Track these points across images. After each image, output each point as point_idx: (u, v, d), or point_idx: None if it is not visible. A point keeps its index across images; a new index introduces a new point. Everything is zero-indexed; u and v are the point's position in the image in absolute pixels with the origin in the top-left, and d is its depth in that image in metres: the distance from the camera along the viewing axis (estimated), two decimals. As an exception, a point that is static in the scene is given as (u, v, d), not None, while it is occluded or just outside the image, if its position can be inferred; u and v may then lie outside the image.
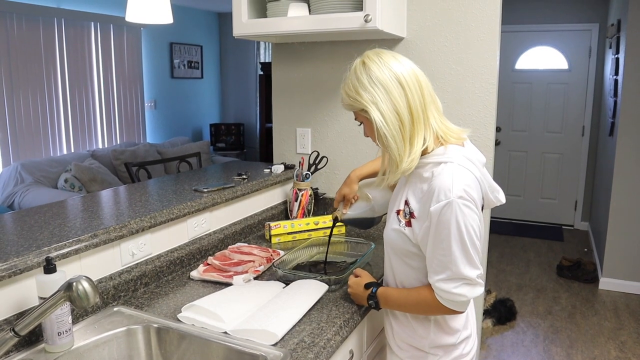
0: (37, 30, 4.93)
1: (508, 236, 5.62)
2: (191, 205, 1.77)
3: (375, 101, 1.22)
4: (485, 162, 1.33)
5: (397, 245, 1.32)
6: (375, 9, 1.83)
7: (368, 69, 1.24)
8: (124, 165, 2.75)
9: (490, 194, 1.33)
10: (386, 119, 1.22)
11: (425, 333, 1.35)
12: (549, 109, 5.87)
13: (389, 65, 1.23)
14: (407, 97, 1.22)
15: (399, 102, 1.22)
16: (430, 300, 1.25)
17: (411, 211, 1.27)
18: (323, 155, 2.38)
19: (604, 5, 5.49)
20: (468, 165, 1.23)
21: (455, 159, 1.22)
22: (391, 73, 1.23)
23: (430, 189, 1.21)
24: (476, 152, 1.31)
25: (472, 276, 1.19)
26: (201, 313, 1.36)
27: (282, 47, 2.47)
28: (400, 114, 1.22)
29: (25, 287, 1.25)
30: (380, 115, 1.22)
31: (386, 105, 1.22)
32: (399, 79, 1.22)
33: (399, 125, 1.22)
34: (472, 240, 1.18)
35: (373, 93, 1.22)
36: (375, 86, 1.22)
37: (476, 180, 1.23)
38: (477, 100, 2.14)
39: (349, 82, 1.27)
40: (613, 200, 4.13)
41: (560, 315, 3.78)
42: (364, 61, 1.26)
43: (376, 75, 1.22)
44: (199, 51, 7.13)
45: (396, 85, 1.22)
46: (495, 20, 2.07)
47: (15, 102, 4.80)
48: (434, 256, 1.21)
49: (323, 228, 2.12)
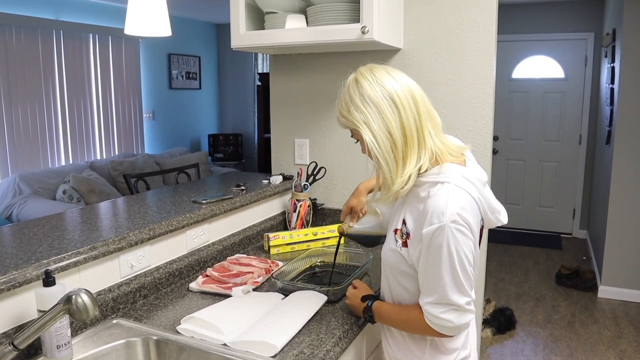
0: (35, 42, 4.95)
1: (506, 245, 5.62)
2: (190, 217, 1.77)
3: (367, 121, 1.19)
4: (486, 181, 1.28)
5: (393, 265, 1.30)
6: (372, 21, 1.84)
7: (360, 86, 1.21)
8: (123, 176, 2.76)
9: (491, 214, 1.28)
10: (377, 140, 1.19)
11: (420, 353, 1.31)
12: (546, 117, 5.90)
13: (382, 82, 1.20)
14: (401, 116, 1.19)
15: (391, 122, 1.18)
16: (419, 321, 1.23)
17: (407, 231, 1.24)
18: (321, 166, 2.39)
19: (599, 15, 5.54)
20: (465, 186, 1.19)
21: (452, 179, 1.18)
22: (384, 91, 1.19)
23: (425, 210, 1.18)
24: (476, 171, 1.26)
25: (461, 303, 1.16)
26: (200, 325, 1.36)
27: (280, 58, 2.49)
28: (392, 134, 1.18)
29: (24, 300, 1.25)
30: (371, 135, 1.19)
31: (378, 125, 1.18)
32: (392, 98, 1.19)
33: (391, 146, 1.19)
34: (463, 266, 1.15)
35: (365, 112, 1.19)
36: (367, 105, 1.19)
37: (473, 202, 1.19)
38: (474, 110, 2.15)
39: (342, 101, 1.25)
40: (611, 209, 4.14)
41: (559, 323, 3.77)
42: (356, 78, 1.23)
43: (368, 94, 1.19)
44: (197, 62, 7.16)
45: (389, 104, 1.19)
46: (492, 30, 2.09)
47: (14, 114, 4.81)
48: (425, 278, 1.19)
49: (322, 239, 2.12)
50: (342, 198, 2.43)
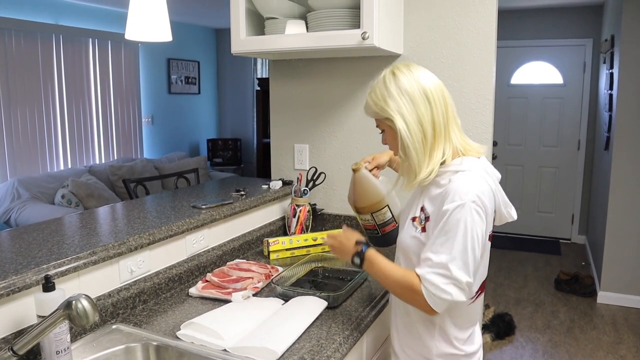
0: (35, 46, 4.95)
1: (505, 250, 5.62)
2: (190, 222, 1.77)
3: (402, 111, 1.26)
4: (500, 178, 1.36)
5: (411, 251, 1.32)
6: (372, 27, 1.85)
7: (397, 79, 1.28)
8: (122, 181, 2.76)
9: (504, 208, 1.35)
10: (410, 130, 1.26)
11: (430, 338, 1.33)
12: (544, 123, 5.91)
13: (417, 78, 1.28)
14: (432, 111, 1.27)
15: (424, 115, 1.26)
16: (413, 286, 1.22)
17: (427, 215, 1.29)
18: (321, 171, 2.39)
19: (597, 21, 5.56)
20: (485, 176, 1.27)
21: (473, 169, 1.26)
22: (419, 86, 1.27)
23: (446, 191, 1.23)
24: (492, 168, 1.35)
25: (462, 280, 1.18)
26: (200, 330, 1.36)
27: (280, 63, 2.49)
28: (423, 126, 1.26)
29: (23, 305, 1.24)
30: (405, 125, 1.26)
31: (412, 117, 1.26)
32: (426, 93, 1.27)
33: (422, 138, 1.27)
34: (473, 246, 1.19)
35: (400, 103, 1.27)
36: (403, 97, 1.27)
37: (491, 191, 1.27)
38: (474, 116, 2.15)
39: (377, 91, 1.31)
40: (610, 214, 4.14)
41: (559, 329, 3.77)
42: (393, 72, 1.30)
43: (405, 87, 1.27)
44: (196, 67, 7.17)
45: (423, 99, 1.27)
46: (491, 36, 2.10)
47: (13, 118, 4.81)
48: (433, 248, 1.21)
49: (321, 244, 2.11)
50: (341, 203, 2.43)
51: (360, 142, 2.37)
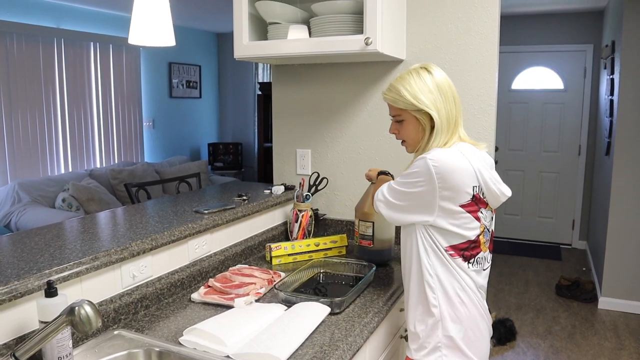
0: (36, 50, 4.96)
1: (506, 255, 5.61)
2: (192, 227, 1.76)
3: (437, 106, 1.43)
4: (492, 164, 1.52)
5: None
6: (375, 32, 1.85)
7: (432, 75, 1.45)
8: (124, 185, 2.75)
9: (493, 185, 1.45)
10: (442, 123, 1.44)
11: (433, 300, 1.46)
12: (545, 128, 5.91)
13: (445, 76, 1.47)
14: (455, 106, 1.47)
15: (449, 109, 1.45)
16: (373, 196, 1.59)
17: None
18: (323, 177, 2.38)
19: (598, 27, 5.57)
20: (468, 155, 1.42)
21: (455, 147, 1.44)
22: (448, 83, 1.46)
23: None
24: (485, 154, 1.51)
25: (380, 199, 1.52)
26: (203, 336, 1.35)
27: (282, 68, 2.49)
28: (449, 120, 1.45)
29: (25, 310, 1.24)
30: (438, 118, 1.43)
31: (443, 111, 1.44)
32: (452, 89, 1.47)
33: (447, 129, 1.45)
34: (402, 188, 1.45)
35: (436, 97, 1.43)
36: (438, 92, 1.44)
37: (469, 166, 1.40)
38: (476, 122, 2.15)
39: (412, 83, 1.44)
40: (611, 220, 4.14)
41: (560, 335, 3.76)
42: (426, 68, 1.47)
43: (439, 83, 1.44)
44: (198, 71, 7.17)
45: (450, 95, 1.45)
46: (494, 41, 2.10)
47: (14, 121, 4.81)
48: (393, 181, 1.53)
49: (324, 249, 2.11)
50: (343, 208, 2.43)
51: (363, 146, 2.37)
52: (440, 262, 1.44)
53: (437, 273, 1.44)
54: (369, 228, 1.97)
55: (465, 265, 1.44)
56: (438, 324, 1.45)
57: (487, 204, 1.46)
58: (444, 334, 1.44)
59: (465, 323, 1.44)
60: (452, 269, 1.43)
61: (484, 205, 1.45)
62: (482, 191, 1.43)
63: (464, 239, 1.42)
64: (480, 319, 1.47)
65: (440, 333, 1.44)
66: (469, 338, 1.45)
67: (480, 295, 1.49)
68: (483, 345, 1.48)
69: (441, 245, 1.43)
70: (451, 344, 1.44)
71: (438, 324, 1.45)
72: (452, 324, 1.44)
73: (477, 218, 1.43)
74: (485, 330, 1.49)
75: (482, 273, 1.49)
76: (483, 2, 2.09)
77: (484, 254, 1.48)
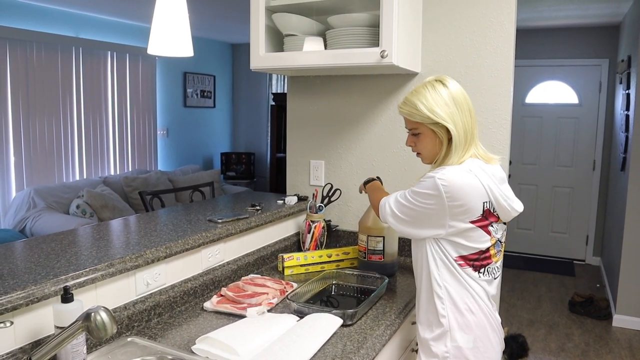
0: (55, 58, 5.04)
1: (518, 270, 5.56)
2: (206, 236, 1.77)
3: (455, 119, 1.43)
4: (503, 177, 1.50)
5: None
6: (391, 45, 1.86)
7: (447, 88, 1.44)
8: (139, 193, 2.77)
9: (504, 201, 1.44)
10: (459, 136, 1.43)
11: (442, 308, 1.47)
12: (559, 142, 5.88)
13: (462, 90, 1.47)
14: (471, 118, 1.46)
15: (466, 122, 1.44)
16: (378, 204, 1.62)
17: None
18: (337, 188, 2.39)
19: (613, 42, 5.55)
20: (476, 171, 1.41)
21: (465, 164, 1.43)
22: (464, 96, 1.46)
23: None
24: (495, 168, 1.49)
25: (388, 210, 1.54)
26: (215, 345, 1.36)
27: (297, 79, 2.51)
28: (466, 132, 1.44)
29: (42, 315, 1.25)
30: (455, 131, 1.42)
31: (460, 124, 1.43)
32: (468, 103, 1.46)
33: (464, 142, 1.44)
34: (413, 200, 1.44)
35: (453, 111, 1.43)
36: (454, 105, 1.43)
37: (478, 184, 1.39)
38: (491, 136, 2.15)
39: (428, 97, 1.44)
40: (626, 236, 4.09)
41: (573, 352, 3.70)
42: (442, 81, 1.46)
43: (455, 96, 1.44)
44: (212, 81, 7.24)
45: (466, 108, 1.45)
46: (509, 56, 2.10)
47: (31, 128, 4.88)
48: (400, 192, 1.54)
49: (336, 260, 2.11)
50: (356, 220, 2.43)
51: (376, 159, 2.37)
52: (450, 273, 1.44)
53: (446, 284, 1.45)
54: (379, 243, 1.97)
55: (475, 274, 1.44)
56: (447, 334, 1.45)
57: (499, 217, 1.46)
58: (452, 344, 1.44)
59: (474, 332, 1.44)
60: (461, 279, 1.44)
61: (495, 219, 1.45)
62: (493, 206, 1.44)
63: (474, 250, 1.43)
64: (490, 330, 1.46)
65: (449, 343, 1.44)
66: (478, 349, 1.44)
67: (491, 305, 1.48)
68: (493, 358, 1.47)
69: (451, 256, 1.43)
70: (459, 354, 1.43)
71: (447, 334, 1.45)
72: (461, 333, 1.44)
73: (488, 232, 1.43)
74: (496, 342, 1.48)
75: (493, 283, 1.49)
76: (499, 17, 2.09)
77: (495, 264, 1.48)
